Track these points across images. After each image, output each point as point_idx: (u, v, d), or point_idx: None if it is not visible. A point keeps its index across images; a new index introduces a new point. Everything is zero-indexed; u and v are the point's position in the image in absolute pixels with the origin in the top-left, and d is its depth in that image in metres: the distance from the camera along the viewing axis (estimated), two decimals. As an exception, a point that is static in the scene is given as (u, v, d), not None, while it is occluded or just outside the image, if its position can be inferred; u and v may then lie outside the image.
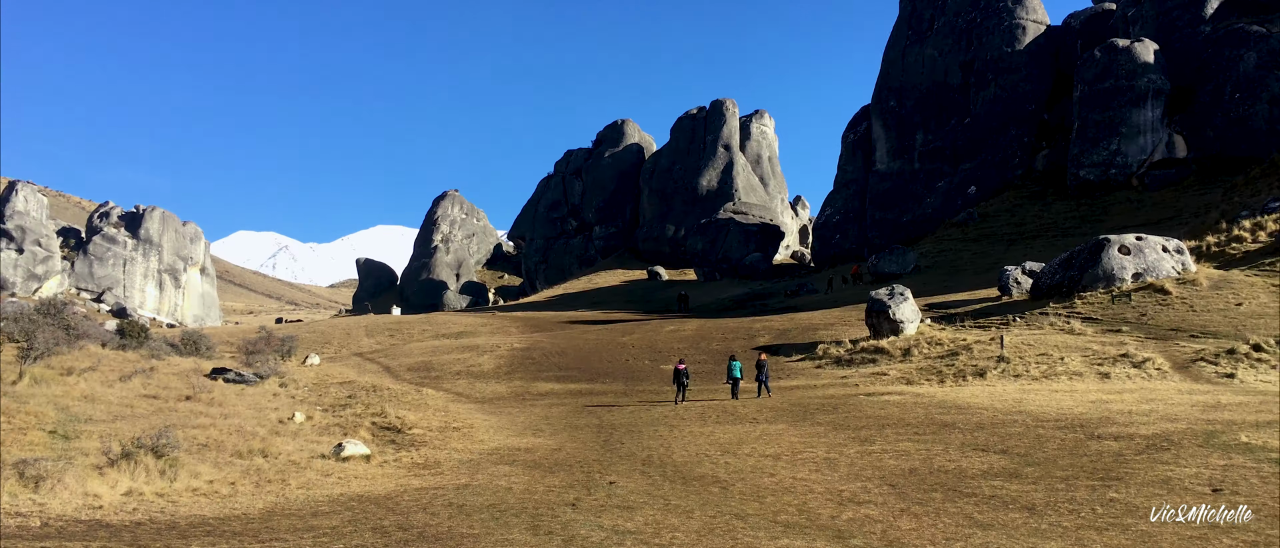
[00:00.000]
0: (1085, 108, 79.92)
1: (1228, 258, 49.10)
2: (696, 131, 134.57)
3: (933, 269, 72.07)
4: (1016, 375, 34.31)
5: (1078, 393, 29.40)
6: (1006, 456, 19.55)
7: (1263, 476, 16.14)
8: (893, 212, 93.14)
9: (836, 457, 20.82)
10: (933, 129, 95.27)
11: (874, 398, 30.61)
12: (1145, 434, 20.68)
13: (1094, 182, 78.37)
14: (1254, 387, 29.68)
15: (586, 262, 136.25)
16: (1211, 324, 39.21)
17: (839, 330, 49.37)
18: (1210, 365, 33.32)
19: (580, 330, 63.02)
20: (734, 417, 28.83)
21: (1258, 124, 71.93)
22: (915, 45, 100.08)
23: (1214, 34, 78.72)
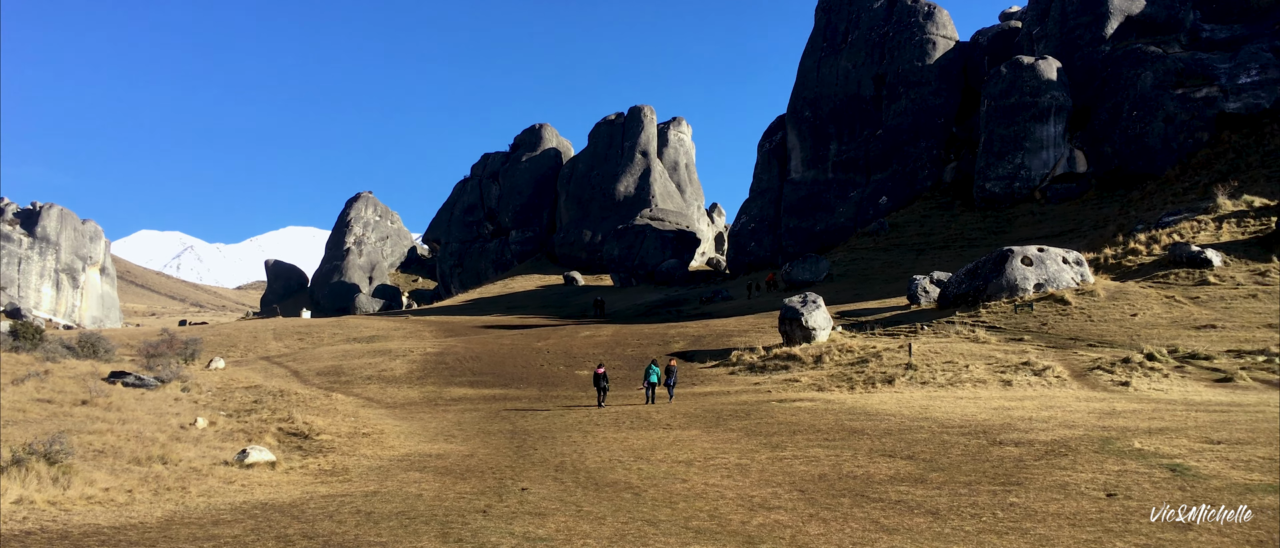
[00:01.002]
0: (991, 122, 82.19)
1: (1124, 270, 50.93)
2: (615, 137, 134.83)
3: (845, 277, 73.33)
4: (924, 383, 35.06)
5: (981, 400, 30.16)
6: (913, 461, 19.95)
7: (1154, 481, 16.74)
8: (807, 220, 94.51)
9: (748, 463, 21.01)
10: (846, 140, 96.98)
11: (786, 404, 30.97)
12: (1044, 440, 21.30)
13: (999, 194, 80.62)
14: (1147, 394, 30.81)
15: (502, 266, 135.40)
16: (1108, 334, 40.63)
17: (753, 337, 49.88)
18: (1106, 374, 34.50)
19: (495, 335, 62.56)
20: (648, 422, 28.90)
21: (1153, 142, 74.82)
22: (830, 57, 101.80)
23: (1114, 54, 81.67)
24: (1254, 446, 19.46)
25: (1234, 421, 23.16)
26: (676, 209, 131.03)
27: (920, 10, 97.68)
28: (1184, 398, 29.47)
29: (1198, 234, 53.67)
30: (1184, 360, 35.43)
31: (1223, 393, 30.69)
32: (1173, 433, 21.43)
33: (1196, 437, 20.79)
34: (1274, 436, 20.55)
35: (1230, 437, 20.61)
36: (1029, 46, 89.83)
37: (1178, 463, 18.01)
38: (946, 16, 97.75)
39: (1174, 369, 34.52)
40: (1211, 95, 74.73)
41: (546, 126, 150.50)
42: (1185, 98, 75.22)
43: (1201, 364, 34.85)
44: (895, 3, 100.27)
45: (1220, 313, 41.76)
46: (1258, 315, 40.63)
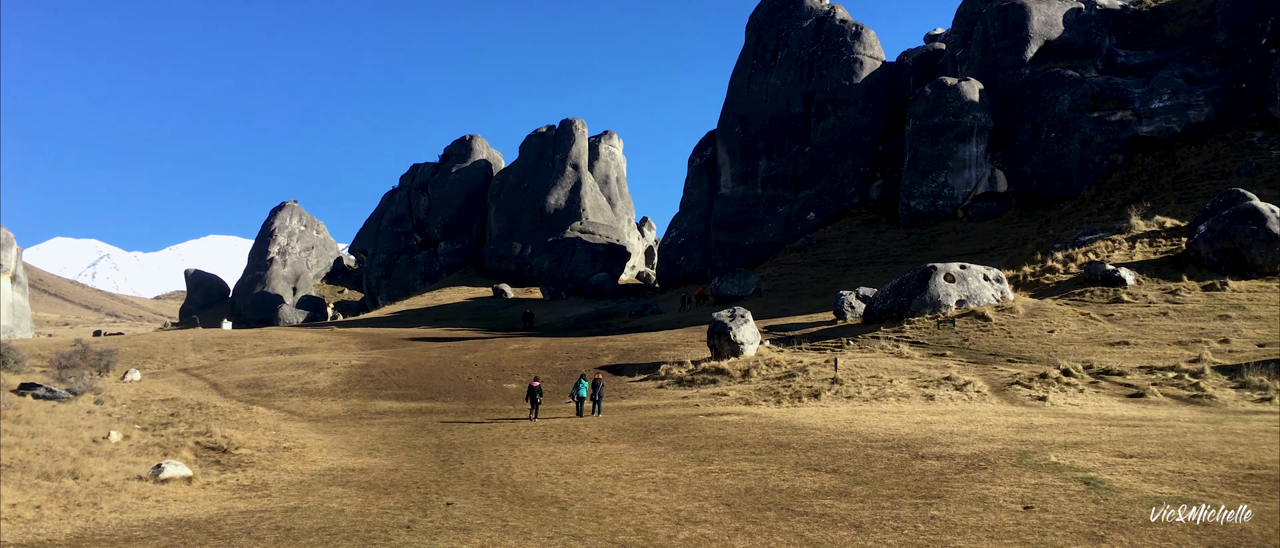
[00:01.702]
0: (916, 142, 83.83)
1: (1042, 287, 52.24)
2: (545, 150, 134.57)
3: (773, 292, 74.03)
4: (849, 397, 35.51)
5: (905, 414, 30.64)
6: (837, 475, 20.18)
7: (1069, 494, 17.16)
8: (736, 235, 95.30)
9: (675, 476, 21.05)
10: (775, 156, 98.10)
11: (713, 418, 31.12)
12: (965, 454, 21.72)
13: (924, 212, 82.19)
14: (1063, 409, 31.60)
15: (431, 278, 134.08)
16: (1026, 350, 41.62)
17: (682, 351, 50.06)
18: (1024, 389, 35.31)
19: (422, 348, 61.86)
20: (576, 436, 28.81)
21: (1070, 163, 77.01)
22: (760, 74, 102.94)
23: (1033, 77, 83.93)
24: (1164, 459, 20.06)
25: (1145, 435, 23.86)
26: (607, 222, 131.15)
27: (848, 31, 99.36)
28: (1098, 413, 30.29)
29: (1112, 253, 55.29)
30: (1098, 376, 36.43)
31: (1135, 408, 31.61)
32: (1087, 447, 22.00)
33: (1110, 451, 21.37)
34: (1183, 450, 21.22)
35: (1141, 451, 21.23)
36: (953, 68, 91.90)
37: (1092, 476, 18.49)
38: (873, 37, 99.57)
39: (1089, 385, 35.47)
40: (1126, 119, 77.22)
41: (477, 138, 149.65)
42: (1101, 121, 77.60)
43: (1115, 380, 35.88)
44: (824, 23, 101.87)
45: (1133, 330, 43.04)
46: (1168, 333, 41.97)
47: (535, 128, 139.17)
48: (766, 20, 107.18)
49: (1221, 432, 24.20)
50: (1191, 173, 68.18)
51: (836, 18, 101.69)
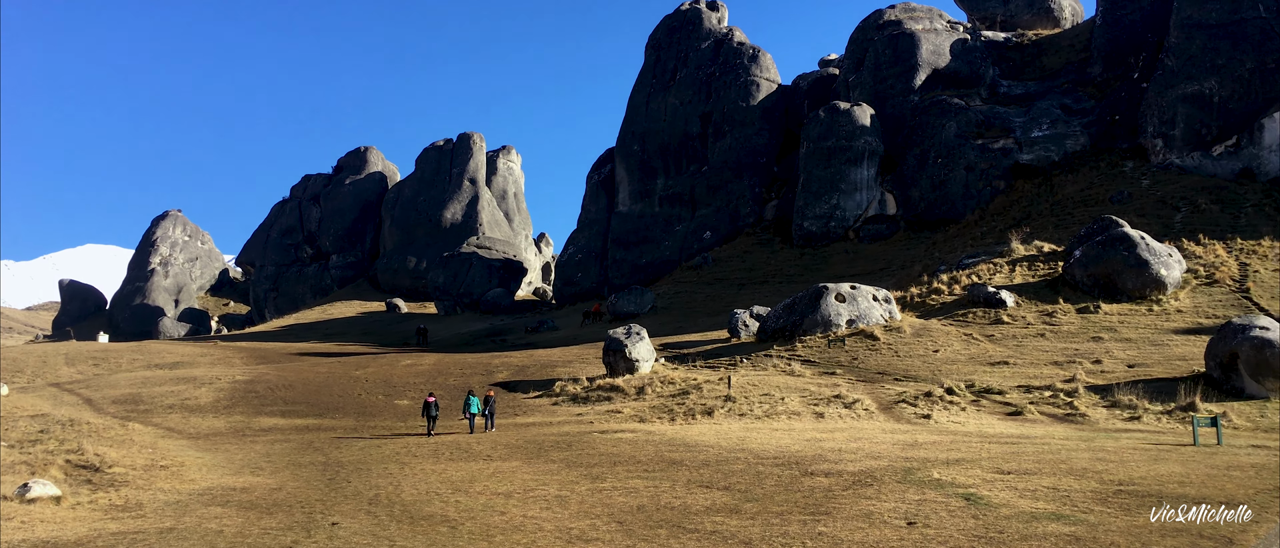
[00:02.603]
0: (810, 164, 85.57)
1: (928, 308, 53.78)
2: (442, 164, 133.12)
3: (669, 310, 74.51)
4: (742, 414, 35.91)
5: (795, 431, 31.13)
6: (729, 492, 20.36)
7: (950, 510, 17.65)
8: (633, 252, 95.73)
9: (568, 494, 20.95)
10: (673, 174, 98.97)
11: (608, 435, 31.11)
12: (852, 471, 22.16)
13: (816, 233, 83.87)
14: (946, 427, 32.54)
15: (321, 291, 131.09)
16: (913, 369, 42.76)
17: (577, 368, 49.96)
18: (910, 407, 36.25)
19: (311, 363, 60.39)
20: (468, 454, 28.45)
21: (956, 188, 79.62)
22: (660, 93, 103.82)
23: (922, 104, 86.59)
24: (1040, 476, 20.82)
25: (1023, 452, 24.72)
26: (504, 238, 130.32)
27: (745, 53, 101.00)
28: (979, 430, 31.27)
29: (994, 276, 57.27)
30: (980, 395, 37.64)
31: (1013, 426, 32.75)
32: (968, 464, 22.68)
33: (989, 467, 22.08)
34: (1058, 467, 22.05)
35: (1019, 467, 21.98)
36: (846, 93, 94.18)
37: (972, 493, 19.06)
38: (770, 60, 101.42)
39: (971, 403, 36.62)
40: (1007, 147, 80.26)
41: (372, 150, 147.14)
42: (985, 148, 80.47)
43: (995, 399, 37.12)
44: (722, 45, 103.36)
45: (1012, 350, 44.62)
46: (1045, 353, 43.62)
47: (433, 141, 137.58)
48: (666, 40, 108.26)
49: (1094, 449, 25.23)
50: (1068, 200, 71.15)
51: (734, 40, 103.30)
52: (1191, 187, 67.31)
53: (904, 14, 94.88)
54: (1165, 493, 18.73)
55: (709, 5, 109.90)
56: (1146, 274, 50.28)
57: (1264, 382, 34.90)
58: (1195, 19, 73.75)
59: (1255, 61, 69.65)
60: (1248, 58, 69.95)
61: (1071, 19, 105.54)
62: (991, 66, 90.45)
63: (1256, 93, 69.63)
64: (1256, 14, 71.32)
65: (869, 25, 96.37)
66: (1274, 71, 69.09)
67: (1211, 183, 67.68)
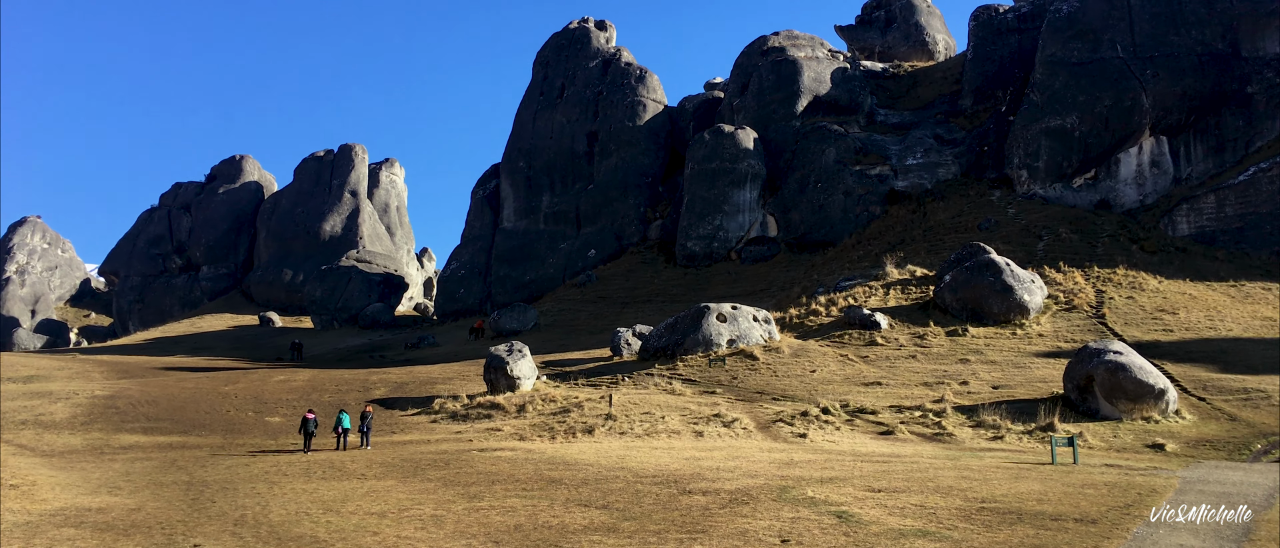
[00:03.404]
0: (694, 185, 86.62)
1: (806, 329, 54.95)
2: (322, 175, 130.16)
3: (552, 327, 74.26)
4: (622, 433, 35.99)
5: (675, 450, 31.34)
6: (607, 510, 20.35)
7: (823, 527, 18.03)
8: (517, 269, 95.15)
9: (444, 514, 20.62)
10: (559, 192, 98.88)
11: (487, 454, 30.77)
12: (729, 489, 22.42)
13: (699, 253, 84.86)
14: (821, 446, 33.24)
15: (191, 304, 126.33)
16: (790, 388, 43.58)
17: (457, 385, 49.31)
18: (787, 426, 36.92)
19: (177, 378, 58.07)
20: (341, 472, 27.74)
21: (834, 212, 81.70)
22: (546, 110, 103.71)
23: (803, 129, 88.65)
24: (908, 493, 21.43)
25: (893, 470, 25.42)
26: (385, 252, 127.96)
27: (633, 74, 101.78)
28: (852, 449, 32.04)
29: (869, 299, 58.89)
30: (854, 415, 38.59)
31: (885, 445, 33.66)
32: (841, 482, 23.20)
33: (861, 485, 22.63)
34: (926, 484, 22.74)
35: (889, 485, 22.60)
36: (730, 116, 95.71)
37: (844, 510, 19.50)
38: (656, 81, 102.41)
39: (845, 422, 37.51)
40: (884, 173, 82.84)
41: (248, 158, 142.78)
42: (862, 174, 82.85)
43: (868, 418, 38.11)
44: (610, 64, 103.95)
45: (885, 371, 45.91)
46: (916, 374, 45.02)
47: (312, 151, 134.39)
48: (554, 58, 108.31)
49: (959, 468, 26.11)
50: (940, 226, 73.75)
51: (622, 60, 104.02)
52: (1053, 216, 70.60)
53: (788, 41, 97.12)
54: (1025, 510, 19.50)
55: (597, 25, 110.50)
56: (1011, 300, 52.43)
57: (1117, 404, 36.71)
58: (1059, 57, 77.56)
59: (1113, 99, 73.58)
60: (1106, 95, 73.86)
61: (945, 52, 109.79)
62: (870, 95, 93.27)
63: (1114, 129, 73.56)
64: (1115, 54, 75.42)
65: (754, 51, 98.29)
66: (1130, 109, 73.12)
67: (1072, 213, 71.13)
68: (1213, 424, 35.74)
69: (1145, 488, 22.70)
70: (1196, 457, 31.05)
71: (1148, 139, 73.60)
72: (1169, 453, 31.85)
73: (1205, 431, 34.96)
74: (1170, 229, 67.70)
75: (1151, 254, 63.20)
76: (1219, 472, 26.36)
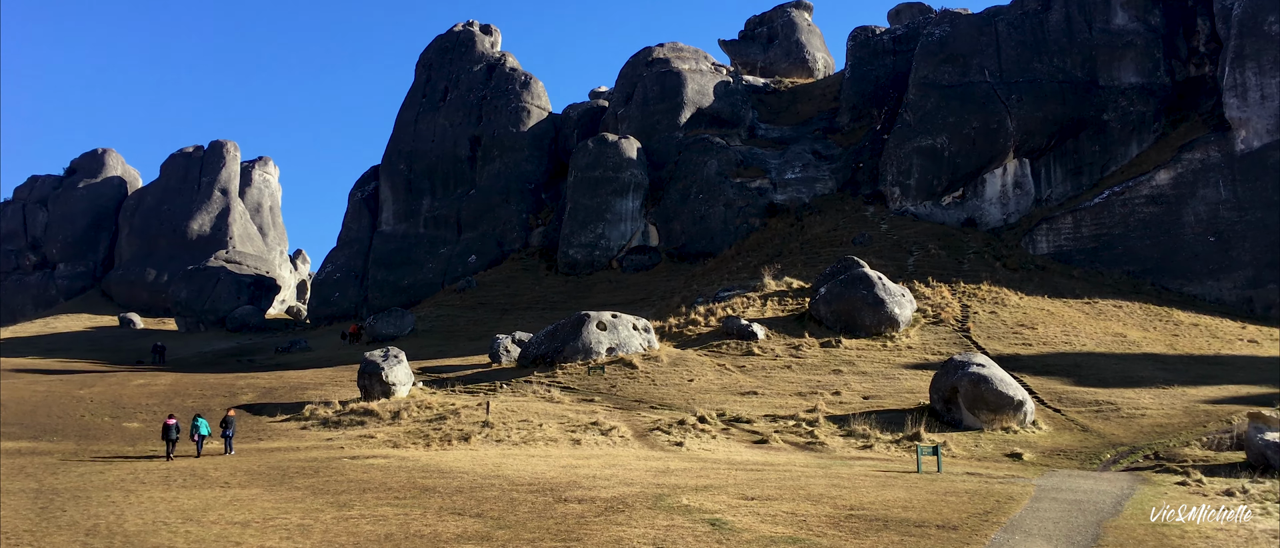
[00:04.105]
0: (577, 193, 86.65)
1: (685, 338, 55.48)
2: (191, 171, 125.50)
3: (430, 333, 73.16)
4: (499, 440, 35.66)
5: (552, 458, 31.21)
6: (481, 519, 20.12)
7: (697, 534, 18.19)
8: (395, 273, 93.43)
9: (311, 523, 20.06)
10: (440, 196, 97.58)
11: (359, 461, 30.07)
12: (605, 497, 22.43)
13: (581, 261, 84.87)
14: (698, 454, 33.57)
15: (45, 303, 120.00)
16: (668, 397, 43.91)
17: (330, 391, 48.09)
18: (665, 434, 37.17)
19: (27, 380, 55.05)
20: (203, 481, 26.70)
21: (715, 223, 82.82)
22: (429, 113, 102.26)
23: (686, 140, 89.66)
24: (780, 501, 21.82)
25: (766, 478, 25.85)
26: (257, 253, 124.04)
27: (518, 79, 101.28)
28: (728, 458, 32.46)
29: (747, 310, 59.85)
30: (730, 423, 39.12)
31: (759, 453, 34.21)
32: (716, 490, 23.47)
33: (735, 493, 22.93)
34: (797, 492, 23.20)
35: (762, 493, 22.97)
36: (614, 125, 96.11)
37: (717, 518, 19.72)
38: (541, 88, 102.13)
39: (721, 431, 37.98)
40: (763, 187, 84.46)
41: (111, 152, 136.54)
42: (743, 186, 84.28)
43: (744, 427, 38.69)
44: (495, 69, 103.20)
45: (761, 381, 46.70)
46: (791, 384, 45.94)
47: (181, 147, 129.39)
48: (438, 60, 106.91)
49: (830, 476, 26.73)
50: (816, 240, 75.52)
51: (507, 65, 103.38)
52: (923, 232, 73.10)
53: (672, 53, 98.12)
54: (891, 517, 20.07)
55: (483, 29, 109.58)
56: (883, 313, 54.00)
57: (979, 414, 38.16)
58: (931, 79, 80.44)
59: (980, 122, 76.66)
60: (974, 118, 76.90)
61: (824, 70, 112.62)
62: (751, 109, 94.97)
63: (981, 150, 76.63)
64: (983, 79, 78.63)
65: (639, 61, 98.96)
66: (996, 132, 76.30)
67: (941, 230, 73.80)
68: (1067, 435, 37.49)
69: (1003, 496, 23.65)
70: (1051, 466, 32.51)
71: (1012, 161, 76.88)
72: (1026, 462, 33.25)
73: (1060, 441, 36.63)
74: (1031, 247, 70.82)
75: (1014, 271, 65.99)
76: (1072, 480, 27.66)
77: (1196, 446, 34.29)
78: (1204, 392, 42.89)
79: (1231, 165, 67.67)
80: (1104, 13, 78.77)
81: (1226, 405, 40.03)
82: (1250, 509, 22.89)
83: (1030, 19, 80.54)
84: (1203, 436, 35.41)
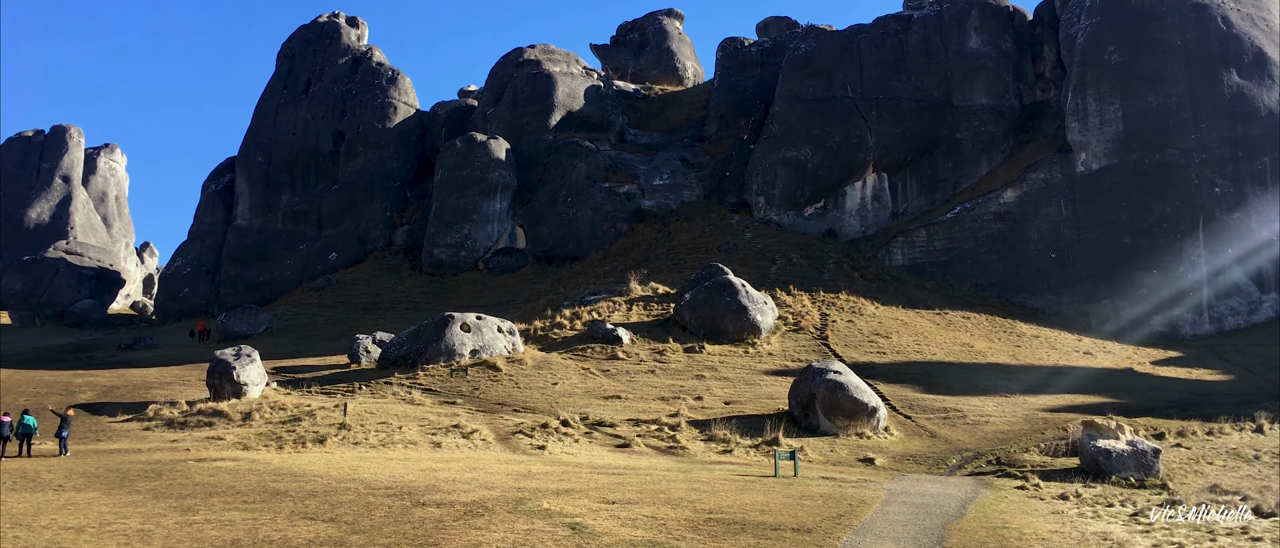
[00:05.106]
0: (444, 192, 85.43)
1: (550, 342, 55.29)
2: (30, 157, 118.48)
3: (286, 332, 70.90)
4: (356, 443, 34.78)
5: (411, 461, 30.60)
6: (335, 524, 19.54)
7: (556, 539, 18.11)
8: (250, 269, 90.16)
9: (152, 528, 19.10)
10: (300, 191, 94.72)
11: (206, 464, 28.83)
12: (465, 501, 22.11)
13: (446, 261, 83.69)
14: (560, 458, 33.47)
15: None
16: (532, 400, 43.66)
17: (177, 390, 46.01)
18: (527, 438, 36.94)
19: None
20: (35, 483, 25.14)
21: (583, 227, 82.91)
22: (290, 105, 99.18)
23: (556, 142, 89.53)
24: (641, 505, 21.94)
25: (627, 482, 25.96)
26: (100, 244, 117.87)
27: (384, 74, 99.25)
28: (589, 462, 32.47)
29: (613, 314, 60.06)
30: (593, 427, 39.16)
31: (622, 457, 34.35)
32: (577, 494, 23.43)
33: (596, 497, 22.95)
34: (658, 496, 23.37)
35: (624, 497, 23.05)
36: (483, 125, 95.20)
37: (578, 522, 19.68)
38: (409, 84, 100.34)
39: (584, 435, 37.98)
40: (631, 192, 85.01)
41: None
42: (611, 191, 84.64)
43: (607, 431, 38.78)
44: (361, 63, 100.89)
45: (625, 385, 46.92)
46: (654, 389, 46.30)
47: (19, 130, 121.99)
48: (301, 51, 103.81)
49: (690, 480, 27.03)
50: (682, 246, 76.42)
51: (374, 60, 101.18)
52: (786, 242, 74.85)
53: (544, 55, 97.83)
54: (748, 520, 20.42)
55: (349, 21, 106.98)
56: (745, 319, 55.01)
57: (835, 420, 39.25)
58: (796, 93, 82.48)
59: (842, 136, 79.00)
60: (836, 132, 79.20)
61: (694, 79, 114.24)
62: (621, 115, 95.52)
63: (843, 164, 78.97)
64: (846, 94, 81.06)
65: (510, 62, 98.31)
66: (857, 147, 78.75)
67: (803, 240, 75.71)
68: (917, 441, 38.93)
69: (856, 499, 24.36)
70: (902, 470, 33.69)
71: (871, 175, 79.51)
72: (878, 467, 34.37)
73: (910, 446, 38.01)
74: (887, 259, 73.35)
75: (871, 282, 68.22)
76: (920, 484, 28.72)
77: (1035, 451, 36.10)
78: (1043, 400, 45.24)
79: (1072, 186, 71.60)
80: (959, 36, 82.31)
81: (1063, 414, 42.31)
82: (1082, 512, 24.21)
83: (891, 38, 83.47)
84: (1041, 442, 37.32)
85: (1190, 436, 38.75)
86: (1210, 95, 70.63)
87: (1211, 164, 69.27)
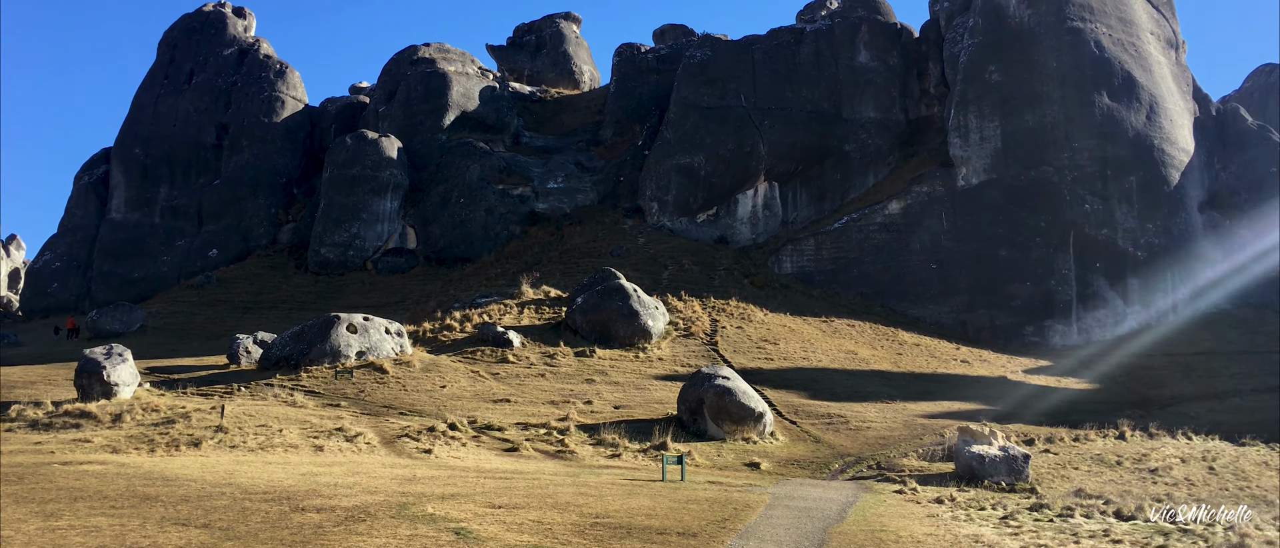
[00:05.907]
0: (332, 190, 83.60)
1: (439, 344, 54.56)
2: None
3: (162, 331, 68.36)
4: (233, 446, 33.70)
5: (291, 465, 29.79)
6: (208, 530, 18.89)
7: (440, 544, 17.85)
8: (124, 265, 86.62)
9: (12, 534, 18.15)
10: (180, 185, 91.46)
11: (71, 467, 27.53)
12: (346, 506, 21.62)
13: (333, 260, 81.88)
14: (446, 462, 33.04)
15: None
16: (419, 403, 42.99)
17: (41, 390, 43.86)
18: (413, 441, 36.34)
19: None
20: (-121, 489, 23.64)
21: (475, 229, 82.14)
22: (171, 95, 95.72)
23: (449, 143, 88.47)
24: (527, 510, 21.80)
25: (515, 487, 25.78)
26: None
27: (272, 67, 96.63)
28: (477, 466, 32.14)
29: (504, 317, 59.61)
30: (481, 431, 38.77)
31: (510, 461, 34.11)
32: (463, 499, 23.16)
33: (482, 502, 22.71)
34: (545, 501, 23.26)
35: (510, 502, 22.87)
36: (375, 123, 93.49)
37: (463, 527, 19.45)
38: (298, 78, 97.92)
39: (471, 439, 37.58)
40: (525, 195, 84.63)
41: None
42: (505, 193, 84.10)
43: (495, 435, 38.45)
44: (247, 55, 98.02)
45: (515, 388, 46.61)
46: (544, 393, 46.10)
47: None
48: (183, 40, 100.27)
49: (578, 484, 26.99)
50: (575, 250, 76.36)
51: (261, 52, 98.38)
52: (679, 248, 75.47)
53: (438, 54, 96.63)
54: (634, 525, 20.49)
55: (235, 11, 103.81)
56: (636, 324, 55.23)
57: (722, 425, 39.70)
58: (691, 100, 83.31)
59: (735, 144, 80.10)
60: (730, 140, 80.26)
61: (590, 83, 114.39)
62: (517, 117, 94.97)
63: (736, 172, 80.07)
64: (739, 103, 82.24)
65: (403, 59, 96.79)
66: (749, 155, 79.95)
67: (695, 246, 76.45)
68: (801, 446, 39.67)
69: (741, 503, 24.68)
70: (786, 475, 34.29)
71: (763, 183, 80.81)
72: (764, 471, 34.91)
73: (795, 451, 38.71)
74: (777, 267, 74.61)
75: (760, 289, 69.28)
76: (803, 488, 29.27)
77: (913, 457, 37.17)
78: (922, 407, 46.63)
79: (953, 199, 74.05)
80: (849, 50, 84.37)
81: (940, 420, 43.68)
82: (956, 515, 25.02)
83: (784, 50, 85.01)
84: (919, 447, 38.46)
85: (1058, 442, 40.47)
86: (1083, 115, 73.89)
87: (1082, 182, 72.46)
